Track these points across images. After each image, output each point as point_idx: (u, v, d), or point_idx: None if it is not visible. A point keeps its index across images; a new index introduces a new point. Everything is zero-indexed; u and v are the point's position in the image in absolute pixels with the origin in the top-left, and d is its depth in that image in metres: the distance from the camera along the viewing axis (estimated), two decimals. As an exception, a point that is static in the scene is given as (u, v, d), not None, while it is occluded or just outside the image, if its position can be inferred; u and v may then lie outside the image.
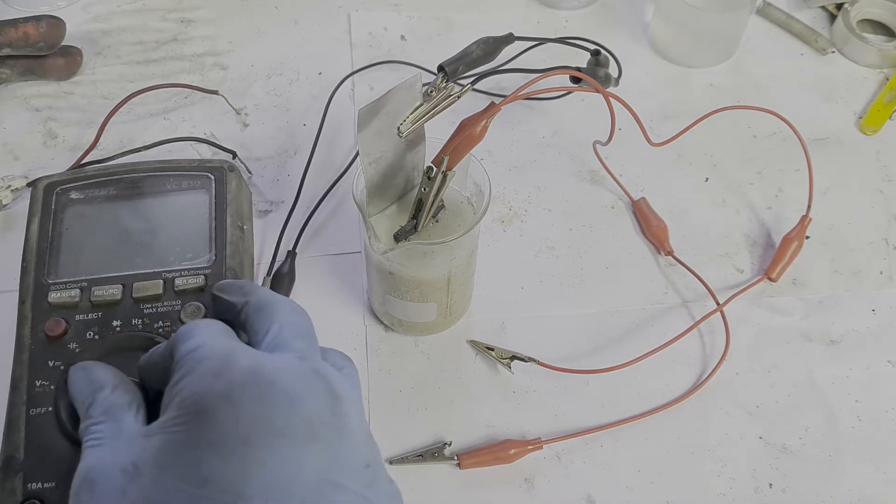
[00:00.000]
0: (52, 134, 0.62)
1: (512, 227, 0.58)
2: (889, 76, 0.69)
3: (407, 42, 0.70)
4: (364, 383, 0.49)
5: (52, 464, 0.40)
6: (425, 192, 0.43)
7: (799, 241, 0.56)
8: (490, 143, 0.58)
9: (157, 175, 0.51)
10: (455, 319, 0.52)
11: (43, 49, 0.62)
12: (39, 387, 0.42)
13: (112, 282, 0.46)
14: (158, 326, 0.45)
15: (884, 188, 0.61)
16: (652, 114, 0.64)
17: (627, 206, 0.59)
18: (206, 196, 0.50)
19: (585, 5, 0.73)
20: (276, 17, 0.72)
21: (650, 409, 0.49)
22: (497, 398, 0.49)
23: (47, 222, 0.48)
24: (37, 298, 0.45)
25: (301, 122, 0.63)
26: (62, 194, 0.49)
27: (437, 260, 0.45)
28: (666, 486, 0.46)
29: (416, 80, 0.41)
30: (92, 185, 0.50)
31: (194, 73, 0.66)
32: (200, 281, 0.46)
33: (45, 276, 0.46)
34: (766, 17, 0.74)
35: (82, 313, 0.45)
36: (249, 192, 0.54)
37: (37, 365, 0.43)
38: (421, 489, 0.46)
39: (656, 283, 0.55)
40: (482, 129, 0.42)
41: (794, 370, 0.51)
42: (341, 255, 0.55)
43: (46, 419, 0.41)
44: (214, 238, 0.49)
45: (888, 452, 0.48)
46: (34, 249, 0.47)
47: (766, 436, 0.49)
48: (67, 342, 0.43)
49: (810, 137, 0.62)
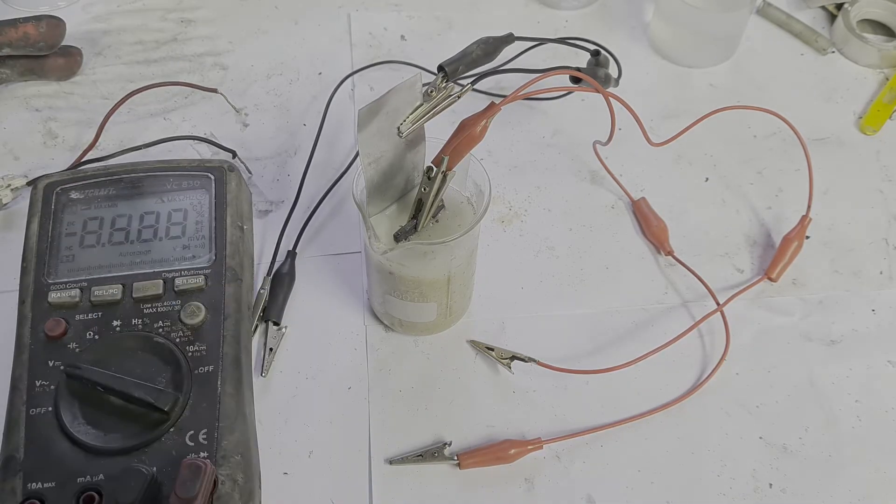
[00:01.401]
0: (52, 134, 0.62)
1: (512, 227, 0.58)
2: (889, 76, 0.69)
3: (407, 42, 0.70)
4: (364, 383, 0.49)
5: (52, 464, 0.40)
6: (425, 192, 0.43)
7: (799, 241, 0.56)
8: (490, 143, 0.58)
9: (157, 175, 0.51)
10: (455, 319, 0.52)
11: (43, 49, 0.62)
12: (39, 387, 0.42)
13: (112, 282, 0.46)
14: (158, 326, 0.45)
15: (884, 188, 0.61)
16: (652, 114, 0.64)
17: (627, 206, 0.59)
18: (206, 196, 0.50)
19: (585, 5, 0.73)
20: (276, 17, 0.72)
21: (650, 409, 0.49)
22: (497, 398, 0.49)
23: (47, 222, 0.48)
24: (37, 298, 0.45)
25: (301, 122, 0.63)
26: (62, 194, 0.49)
27: (437, 260, 0.45)
28: (666, 486, 0.46)
29: (416, 80, 0.41)
30: (92, 185, 0.50)
31: (194, 73, 0.66)
32: (200, 281, 0.46)
33: (45, 276, 0.46)
34: (766, 17, 0.74)
35: (82, 313, 0.45)
36: (249, 192, 0.54)
37: (37, 365, 0.43)
38: (421, 489, 0.46)
39: (656, 283, 0.55)
40: (482, 129, 0.42)
41: (794, 370, 0.51)
42: (341, 255, 0.55)
43: (46, 419, 0.41)
44: (214, 238, 0.49)
45: (888, 452, 0.48)
46: (34, 249, 0.47)
47: (766, 436, 0.48)
48: (67, 342, 0.43)
49: (810, 137, 0.62)
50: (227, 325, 0.45)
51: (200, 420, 0.42)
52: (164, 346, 0.44)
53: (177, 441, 0.41)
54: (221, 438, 0.41)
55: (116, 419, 0.41)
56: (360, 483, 0.46)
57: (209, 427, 0.42)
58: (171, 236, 0.48)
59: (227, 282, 0.47)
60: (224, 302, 0.46)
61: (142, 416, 0.41)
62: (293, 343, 0.51)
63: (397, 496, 0.45)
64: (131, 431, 0.41)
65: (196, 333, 0.45)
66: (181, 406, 0.42)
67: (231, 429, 0.42)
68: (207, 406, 0.42)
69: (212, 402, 0.43)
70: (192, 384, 0.43)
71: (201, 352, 0.44)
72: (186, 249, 0.48)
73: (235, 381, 0.44)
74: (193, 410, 0.42)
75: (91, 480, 0.39)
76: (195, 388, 0.43)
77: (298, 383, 0.49)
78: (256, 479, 0.43)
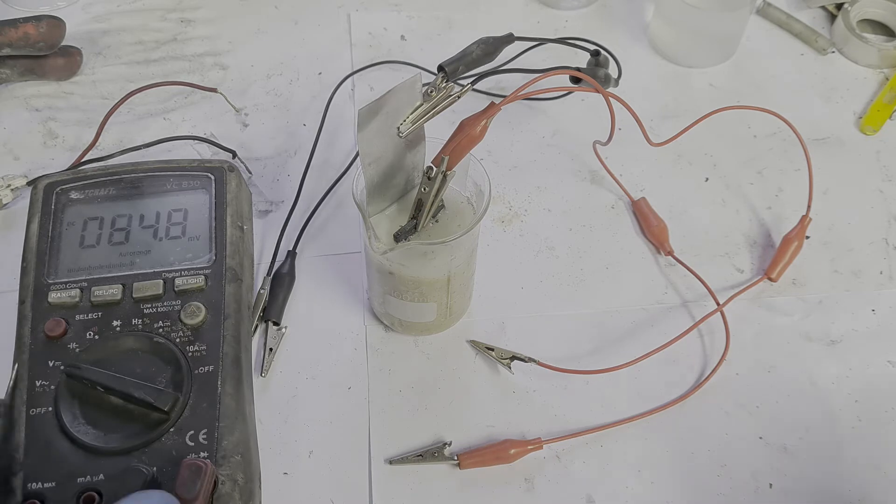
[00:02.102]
0: (52, 134, 0.62)
1: (512, 227, 0.58)
2: (889, 76, 0.69)
3: (407, 42, 0.70)
4: (364, 383, 0.49)
5: (53, 464, 0.40)
6: (425, 192, 0.43)
7: (799, 241, 0.56)
8: (490, 143, 0.58)
9: (157, 175, 0.51)
10: (455, 319, 0.52)
11: (43, 49, 0.62)
12: (39, 387, 0.42)
13: (112, 282, 0.46)
14: (159, 326, 0.45)
15: (884, 188, 0.61)
16: (652, 114, 0.64)
17: (627, 206, 0.59)
18: (205, 196, 0.50)
19: (585, 5, 0.73)
20: (276, 17, 0.72)
21: (650, 409, 0.49)
22: (497, 398, 0.49)
23: (47, 222, 0.48)
24: (37, 298, 0.45)
25: (301, 122, 0.63)
26: (62, 194, 0.49)
27: (437, 260, 0.45)
28: (666, 486, 0.46)
29: (416, 80, 0.41)
30: (92, 185, 0.50)
31: (194, 73, 0.66)
32: (200, 281, 0.46)
33: (45, 276, 0.46)
34: (766, 17, 0.74)
35: (82, 313, 0.45)
36: (249, 193, 0.54)
37: (37, 365, 0.43)
38: (421, 489, 0.46)
39: (656, 283, 0.55)
40: (482, 129, 0.42)
41: (794, 370, 0.51)
42: (341, 255, 0.55)
43: (46, 419, 0.41)
44: (214, 238, 0.49)
45: (888, 452, 0.48)
46: (34, 249, 0.47)
47: (766, 436, 0.48)
48: (67, 342, 0.43)
49: (810, 137, 0.62)
50: (227, 325, 0.45)
51: (200, 420, 0.42)
52: (164, 346, 0.44)
53: (177, 441, 0.41)
54: (221, 438, 0.41)
55: (116, 419, 0.41)
56: (360, 483, 0.46)
57: (209, 427, 0.42)
58: (170, 236, 0.48)
59: (228, 282, 0.47)
60: (224, 302, 0.46)
61: (142, 416, 0.41)
62: (293, 343, 0.51)
63: (397, 496, 0.45)
64: (131, 431, 0.41)
65: (196, 333, 0.45)
66: (181, 406, 0.42)
67: (231, 429, 0.42)
68: (207, 406, 0.42)
69: (212, 401, 0.42)
70: (193, 384, 0.43)
71: (201, 352, 0.44)
72: (186, 249, 0.48)
73: (235, 380, 0.44)
74: (193, 410, 0.42)
75: (91, 480, 0.39)
76: (195, 388, 0.43)
77: (298, 383, 0.49)
78: (257, 478, 0.43)
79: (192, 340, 0.44)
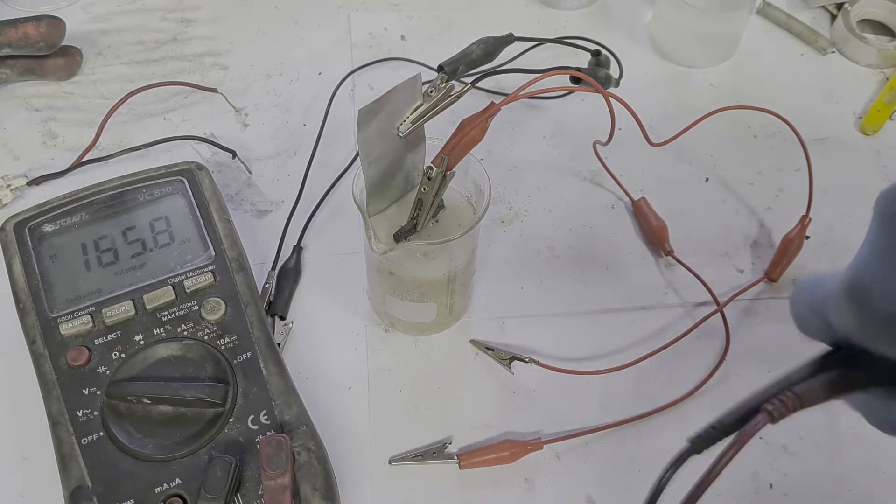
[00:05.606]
0: (52, 134, 0.62)
1: (512, 227, 0.58)
2: (889, 76, 0.69)
3: (407, 42, 0.70)
4: (364, 383, 0.49)
5: (124, 482, 0.40)
6: (425, 192, 0.43)
7: (799, 241, 0.56)
8: (490, 143, 0.58)
9: (127, 189, 0.51)
10: (455, 319, 0.52)
11: (43, 49, 0.62)
12: (83, 416, 0.42)
13: (120, 300, 0.46)
14: (182, 330, 0.45)
15: (884, 188, 0.61)
16: (652, 114, 0.64)
17: (627, 206, 0.59)
18: (182, 199, 0.50)
19: (585, 5, 0.73)
20: (276, 17, 0.72)
21: (650, 410, 0.49)
22: (497, 398, 0.49)
23: (29, 260, 0.47)
24: (47, 334, 0.44)
25: (301, 122, 0.63)
26: (35, 230, 0.48)
27: (437, 260, 0.45)
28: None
29: (416, 79, 0.41)
30: (62, 215, 0.49)
31: (194, 73, 0.66)
32: (209, 278, 0.47)
33: (47, 311, 0.45)
34: (766, 17, 0.74)
35: (100, 336, 0.44)
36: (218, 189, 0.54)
37: (72, 396, 0.42)
38: (421, 489, 0.46)
39: (656, 284, 0.55)
40: (482, 129, 0.42)
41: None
42: (341, 256, 0.55)
43: (102, 443, 0.41)
44: (207, 235, 0.49)
45: (888, 452, 0.48)
46: (26, 289, 0.46)
47: (766, 436, 0.48)
48: (95, 367, 0.43)
49: (810, 137, 0.62)
50: (249, 312, 0.46)
51: (255, 403, 0.43)
52: (195, 346, 0.44)
53: (240, 428, 0.42)
54: (282, 414, 0.43)
55: (170, 425, 0.42)
56: (360, 483, 0.46)
57: (267, 407, 0.43)
58: (161, 245, 0.48)
59: (235, 272, 0.48)
60: (238, 291, 0.47)
61: (196, 415, 0.42)
62: (293, 342, 0.51)
63: (397, 496, 0.45)
64: (191, 431, 0.41)
65: (222, 327, 0.45)
66: (233, 396, 0.43)
67: (288, 403, 0.43)
68: (258, 389, 0.43)
69: (261, 384, 0.43)
70: (236, 373, 0.44)
71: (234, 342, 0.45)
72: (183, 252, 0.48)
73: (276, 360, 0.45)
74: (246, 396, 0.43)
75: (169, 488, 0.40)
76: (240, 376, 0.44)
77: (299, 383, 0.49)
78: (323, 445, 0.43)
79: (220, 334, 0.45)
